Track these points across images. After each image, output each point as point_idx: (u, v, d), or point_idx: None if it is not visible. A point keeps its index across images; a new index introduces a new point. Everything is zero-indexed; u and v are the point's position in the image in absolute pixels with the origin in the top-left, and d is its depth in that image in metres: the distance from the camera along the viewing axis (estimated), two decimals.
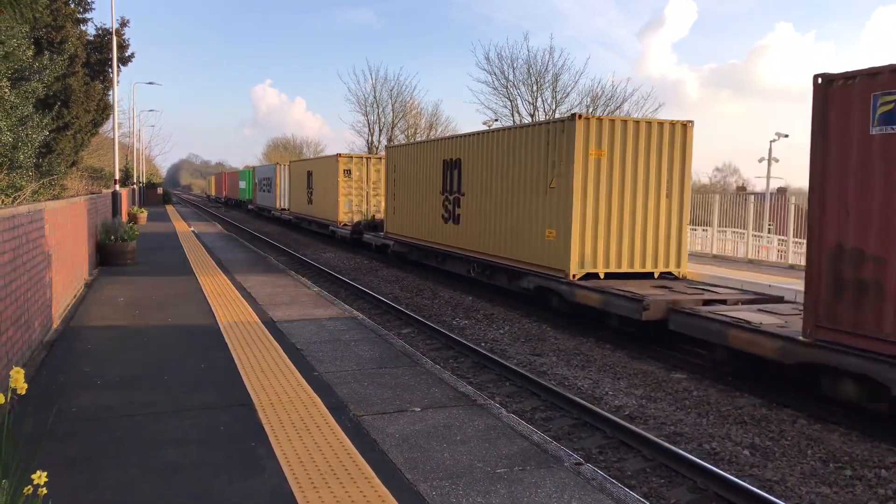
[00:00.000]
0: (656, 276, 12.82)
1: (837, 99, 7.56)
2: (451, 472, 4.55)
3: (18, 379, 2.81)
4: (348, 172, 26.85)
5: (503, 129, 15.04)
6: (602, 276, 12.49)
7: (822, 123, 7.70)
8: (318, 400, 5.97)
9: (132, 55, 25.89)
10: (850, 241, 7.49)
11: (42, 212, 7.73)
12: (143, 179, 56.42)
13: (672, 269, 12.98)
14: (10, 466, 2.93)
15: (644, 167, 12.57)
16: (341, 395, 6.16)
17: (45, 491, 2.65)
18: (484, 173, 15.43)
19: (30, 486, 2.66)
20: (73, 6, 17.56)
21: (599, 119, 12.47)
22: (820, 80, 7.74)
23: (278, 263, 17.24)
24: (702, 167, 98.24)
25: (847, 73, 7.53)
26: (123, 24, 24.62)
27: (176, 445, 4.90)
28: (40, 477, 2.64)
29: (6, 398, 2.74)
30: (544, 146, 13.08)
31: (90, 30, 22.51)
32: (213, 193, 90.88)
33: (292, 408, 5.75)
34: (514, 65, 42.59)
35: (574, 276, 12.34)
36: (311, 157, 37.95)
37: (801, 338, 8.07)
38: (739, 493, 5.79)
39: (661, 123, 12.71)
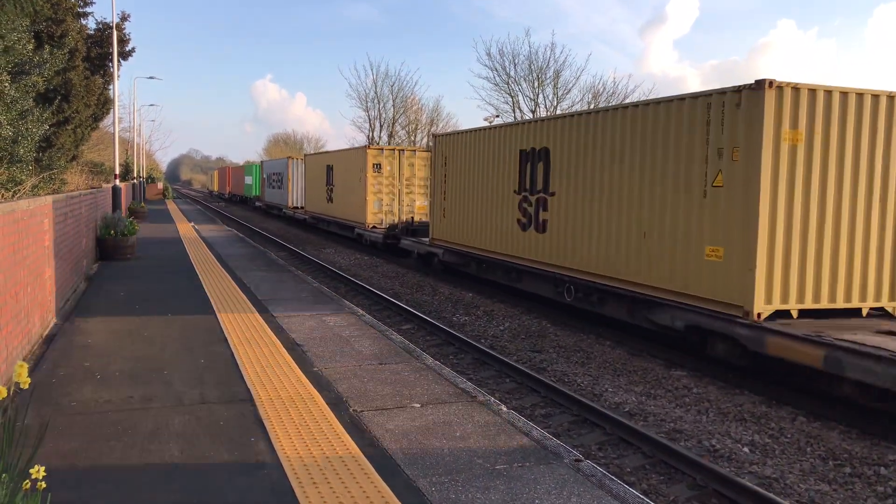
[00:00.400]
0: (864, 313, 9.33)
1: None
2: (451, 467, 4.55)
3: (22, 373, 2.81)
4: (378, 167, 23.32)
5: (625, 105, 11.30)
6: (795, 314, 8.93)
7: None
8: (318, 395, 5.97)
9: (133, 50, 25.85)
10: None
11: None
12: (144, 174, 56.38)
13: (885, 303, 9.43)
14: (10, 461, 2.92)
15: (852, 158, 9.03)
16: (341, 390, 6.16)
17: (44, 485, 2.64)
18: (588, 166, 11.74)
19: (28, 481, 2.66)
20: (73, 0, 17.52)
21: (796, 88, 8.75)
22: None
23: (277, 259, 17.23)
24: None
25: None
26: (124, 18, 24.58)
27: (176, 440, 4.90)
28: (39, 471, 2.64)
29: (8, 392, 2.74)
30: (702, 127, 9.42)
31: (90, 24, 22.49)
32: (215, 189, 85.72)
33: (291, 403, 5.74)
34: (516, 61, 42.50)
35: (759, 314, 8.64)
36: (331, 150, 32.97)
37: None
38: (739, 490, 5.80)
39: (875, 96, 9.05)
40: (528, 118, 14.05)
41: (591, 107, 39.22)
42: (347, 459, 4.62)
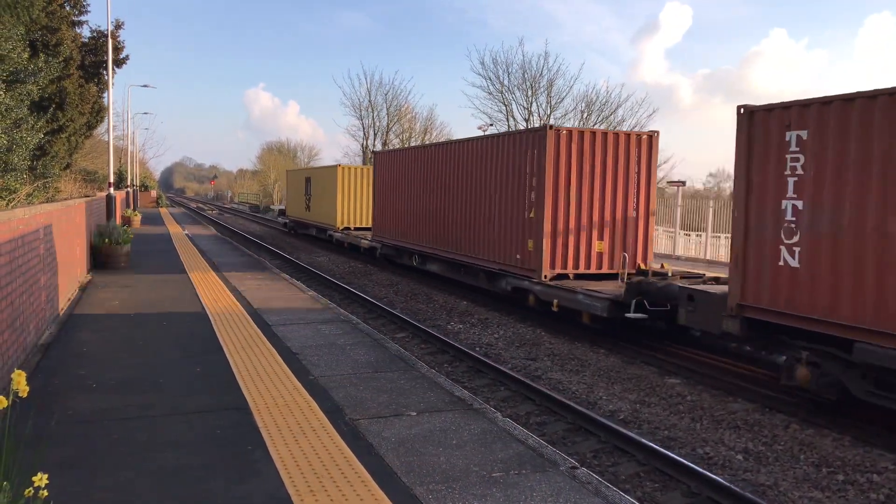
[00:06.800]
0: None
1: None
2: (448, 475, 4.57)
3: (20, 381, 2.82)
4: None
5: None
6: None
7: None
8: (315, 404, 5.98)
9: (126, 57, 25.79)
10: None
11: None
12: (137, 182, 56.19)
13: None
14: (11, 469, 2.94)
15: None
16: (337, 399, 6.17)
17: (45, 493, 2.66)
18: None
19: (30, 489, 2.67)
20: (68, 9, 17.56)
21: None
22: None
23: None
24: (695, 173, 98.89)
25: None
26: (118, 26, 24.54)
27: (172, 448, 4.90)
28: (41, 479, 2.65)
29: (8, 401, 2.76)
30: None
31: (85, 32, 22.48)
32: (338, 225, 26.23)
33: (288, 412, 5.75)
34: (510, 70, 42.56)
35: None
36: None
37: None
38: (733, 497, 5.83)
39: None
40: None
41: (584, 117, 39.29)
42: (345, 468, 4.63)
